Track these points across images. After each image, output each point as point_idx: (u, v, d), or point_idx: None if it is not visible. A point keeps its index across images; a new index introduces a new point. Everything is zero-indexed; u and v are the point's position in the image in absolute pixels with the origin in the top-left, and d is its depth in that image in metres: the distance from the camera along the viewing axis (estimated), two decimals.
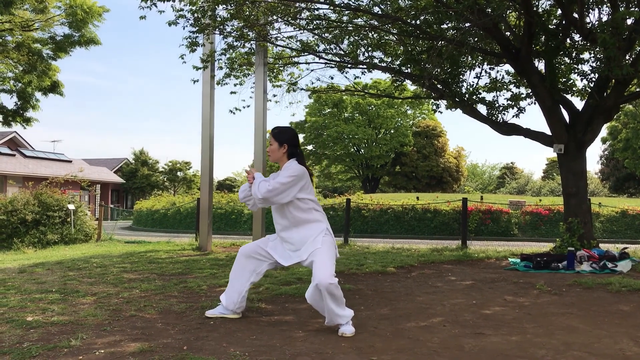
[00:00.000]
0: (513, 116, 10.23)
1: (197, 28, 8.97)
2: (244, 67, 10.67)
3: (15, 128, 21.56)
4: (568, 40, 9.25)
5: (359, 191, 31.30)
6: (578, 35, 9.00)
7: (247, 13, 9.03)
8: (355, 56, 10.14)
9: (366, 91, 13.81)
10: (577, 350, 3.46)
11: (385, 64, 10.47)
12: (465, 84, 10.19)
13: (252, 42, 9.86)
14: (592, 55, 9.42)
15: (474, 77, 11.70)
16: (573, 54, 9.50)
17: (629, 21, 8.20)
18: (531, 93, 9.76)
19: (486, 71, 10.42)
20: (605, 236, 15.77)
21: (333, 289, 3.75)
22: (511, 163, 69.83)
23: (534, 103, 9.82)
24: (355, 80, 11.69)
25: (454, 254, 9.30)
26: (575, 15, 8.04)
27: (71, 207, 12.73)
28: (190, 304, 4.79)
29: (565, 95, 9.54)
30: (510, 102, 10.07)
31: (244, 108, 11.05)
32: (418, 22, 9.27)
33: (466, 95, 9.89)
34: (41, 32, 16.83)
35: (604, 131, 40.11)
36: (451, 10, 8.19)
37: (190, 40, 9.17)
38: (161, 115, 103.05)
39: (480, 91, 10.27)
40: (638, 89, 10.05)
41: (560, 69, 9.62)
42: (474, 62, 10.35)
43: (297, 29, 9.74)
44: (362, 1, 9.20)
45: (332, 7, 9.19)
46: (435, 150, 47.35)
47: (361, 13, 9.14)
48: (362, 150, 46.73)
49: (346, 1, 8.90)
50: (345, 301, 3.91)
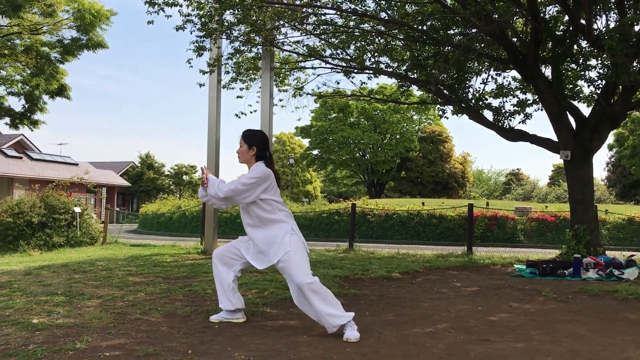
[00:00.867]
0: (519, 122, 10.18)
1: (205, 33, 9.02)
2: (251, 72, 10.70)
3: (22, 131, 21.68)
4: (575, 46, 9.21)
5: (364, 196, 31.32)
6: (585, 41, 8.96)
7: (254, 18, 9.07)
8: (361, 61, 10.15)
9: (372, 96, 13.79)
10: (583, 357, 3.44)
11: (391, 69, 10.48)
12: (471, 90, 10.18)
13: (259, 47, 9.89)
14: (600, 61, 9.40)
15: (481, 83, 11.74)
16: (580, 61, 9.48)
17: (637, 28, 8.19)
18: (538, 99, 9.71)
19: (493, 77, 10.40)
20: (611, 243, 15.66)
21: (315, 287, 3.80)
22: (517, 169, 69.77)
23: (541, 109, 9.77)
24: (361, 85, 11.72)
25: (460, 260, 9.27)
26: (582, 21, 8.01)
27: (77, 210, 12.80)
28: (195, 308, 4.79)
29: (572, 101, 9.50)
30: (516, 108, 10.02)
31: (251, 113, 11.08)
32: (425, 28, 9.28)
33: (472, 101, 9.87)
34: (49, 36, 16.98)
35: (611, 138, 39.97)
36: (458, 16, 8.20)
37: (197, 44, 9.23)
38: (167, 118, 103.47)
39: (486, 97, 10.26)
40: None
41: (567, 76, 9.60)
42: (481, 68, 10.34)
43: (304, 34, 9.77)
44: (369, 7, 9.24)
45: (339, 13, 9.22)
46: (441, 155, 47.29)
47: (368, 18, 9.16)
48: (368, 155, 46.74)
49: (353, 7, 8.93)
50: (338, 301, 3.90)
